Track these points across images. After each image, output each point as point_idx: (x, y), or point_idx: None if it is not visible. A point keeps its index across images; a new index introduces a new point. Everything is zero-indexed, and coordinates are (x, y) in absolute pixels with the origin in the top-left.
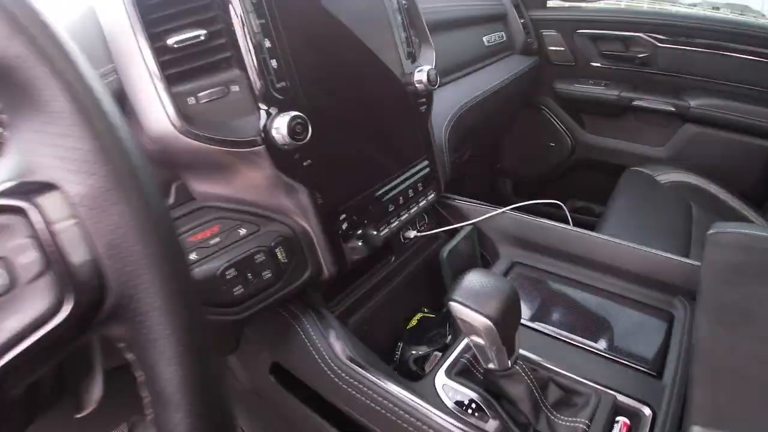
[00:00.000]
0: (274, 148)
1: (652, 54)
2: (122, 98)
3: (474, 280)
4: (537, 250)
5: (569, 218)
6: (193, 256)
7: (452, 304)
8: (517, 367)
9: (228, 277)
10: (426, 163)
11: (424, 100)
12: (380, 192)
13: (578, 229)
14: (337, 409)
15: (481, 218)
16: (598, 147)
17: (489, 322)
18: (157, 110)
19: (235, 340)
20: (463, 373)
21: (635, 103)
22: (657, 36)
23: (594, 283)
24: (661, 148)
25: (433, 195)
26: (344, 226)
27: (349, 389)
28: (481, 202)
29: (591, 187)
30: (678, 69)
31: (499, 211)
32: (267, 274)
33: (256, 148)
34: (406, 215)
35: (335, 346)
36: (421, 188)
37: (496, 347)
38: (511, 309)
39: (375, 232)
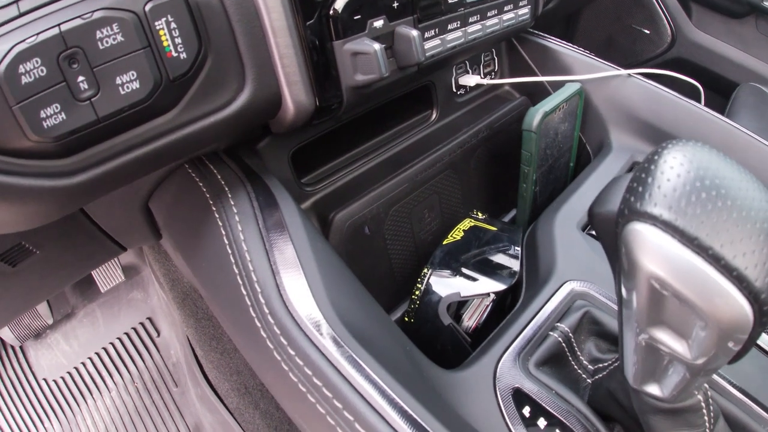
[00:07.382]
0: None
1: None
2: None
3: (704, 173)
4: None
5: None
6: None
7: (639, 232)
8: (700, 396)
9: (25, 79)
10: None
11: None
12: None
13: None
14: None
15: (594, 75)
16: (705, 49)
17: (747, 308)
18: None
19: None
20: (549, 361)
21: None
22: None
23: None
24: None
25: (527, 13)
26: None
27: (312, 393)
28: (589, 53)
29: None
30: None
31: (623, 72)
32: (130, 80)
33: None
34: (479, 30)
35: (294, 280)
36: None
37: (716, 362)
38: None
39: (414, 31)
